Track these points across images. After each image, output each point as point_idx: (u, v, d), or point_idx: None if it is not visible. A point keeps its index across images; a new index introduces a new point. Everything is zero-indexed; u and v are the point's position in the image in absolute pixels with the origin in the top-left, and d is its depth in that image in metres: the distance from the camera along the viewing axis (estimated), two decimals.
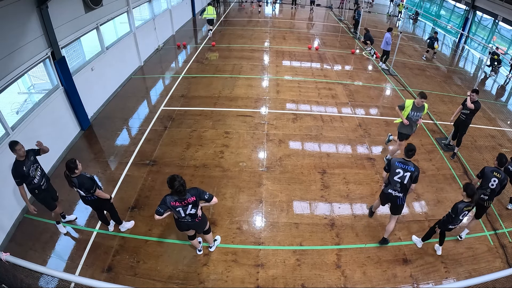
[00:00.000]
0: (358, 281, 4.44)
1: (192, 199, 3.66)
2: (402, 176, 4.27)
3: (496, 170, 4.56)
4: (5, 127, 5.11)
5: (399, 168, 4.28)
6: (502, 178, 4.51)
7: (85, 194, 4.21)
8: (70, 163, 3.95)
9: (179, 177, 3.53)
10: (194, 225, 4.03)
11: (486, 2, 14.81)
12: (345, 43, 14.62)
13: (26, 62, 5.55)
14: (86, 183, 4.08)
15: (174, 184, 3.47)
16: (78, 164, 4.01)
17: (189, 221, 3.88)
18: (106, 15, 8.47)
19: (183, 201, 3.63)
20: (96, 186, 4.21)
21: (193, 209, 3.76)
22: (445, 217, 4.36)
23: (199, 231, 4.32)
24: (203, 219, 4.09)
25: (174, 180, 3.48)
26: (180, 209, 3.69)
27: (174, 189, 3.50)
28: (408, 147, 4.33)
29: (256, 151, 6.85)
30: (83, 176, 4.10)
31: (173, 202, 3.64)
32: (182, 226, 3.99)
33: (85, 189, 4.11)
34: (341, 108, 8.80)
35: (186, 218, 3.82)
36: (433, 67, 12.76)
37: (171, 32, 14.52)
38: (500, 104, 10.55)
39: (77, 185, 4.07)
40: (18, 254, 2.79)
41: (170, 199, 3.64)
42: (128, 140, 7.21)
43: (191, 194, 3.66)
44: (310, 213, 5.48)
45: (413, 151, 4.31)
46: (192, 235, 4.31)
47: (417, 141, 7.55)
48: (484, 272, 4.60)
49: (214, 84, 9.73)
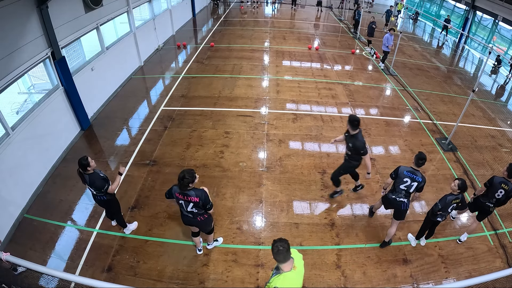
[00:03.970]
0: (358, 281, 4.44)
1: (195, 200, 3.66)
2: (409, 185, 4.25)
3: (504, 182, 4.43)
4: (5, 127, 5.10)
5: (407, 177, 4.24)
6: (509, 190, 4.40)
7: (96, 193, 4.21)
8: (82, 160, 3.93)
9: (189, 172, 3.55)
10: (196, 224, 4.06)
11: (486, 2, 14.81)
12: (345, 43, 14.61)
13: (26, 62, 5.54)
14: (98, 182, 4.06)
15: (180, 175, 3.53)
16: (90, 162, 3.98)
17: (190, 217, 3.93)
18: (106, 15, 8.46)
19: (185, 196, 3.66)
20: (108, 185, 4.18)
21: (194, 209, 3.77)
22: (433, 207, 4.36)
23: (203, 231, 4.33)
24: (207, 220, 4.06)
25: (183, 172, 3.54)
26: (183, 202, 3.74)
27: (180, 181, 3.55)
28: (419, 155, 4.21)
29: (256, 151, 6.85)
30: (96, 174, 4.08)
31: (177, 194, 3.70)
32: (185, 220, 4.05)
33: (96, 187, 4.10)
34: (341, 108, 8.80)
35: (188, 214, 3.88)
36: (433, 67, 12.77)
37: (171, 32, 14.52)
38: (500, 104, 10.56)
39: (88, 182, 4.06)
40: (18, 254, 2.79)
41: (176, 189, 3.70)
42: (128, 140, 7.21)
43: (195, 194, 3.65)
44: (310, 213, 5.48)
45: (424, 160, 4.19)
46: (195, 232, 4.34)
47: (417, 141, 7.56)
48: (484, 272, 4.60)
49: (214, 84, 9.73)
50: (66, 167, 6.28)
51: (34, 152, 5.73)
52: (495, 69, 13.84)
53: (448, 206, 4.20)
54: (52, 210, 5.35)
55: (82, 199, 5.60)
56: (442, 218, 4.40)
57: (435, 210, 4.29)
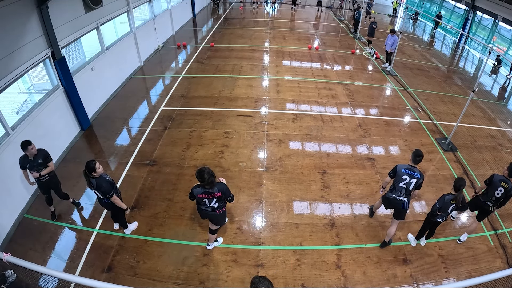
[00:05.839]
0: (358, 281, 4.44)
1: (218, 194, 3.79)
2: (408, 183, 4.26)
3: (504, 180, 4.46)
4: (5, 127, 5.11)
5: (405, 175, 4.26)
6: (509, 189, 4.42)
7: (102, 196, 4.21)
8: (90, 163, 3.95)
9: (207, 168, 3.61)
10: (214, 217, 4.14)
11: (486, 2, 14.81)
12: (345, 43, 14.61)
13: (26, 62, 5.55)
14: (104, 186, 4.07)
15: (204, 177, 3.57)
16: (98, 168, 3.98)
17: (209, 211, 4.01)
18: (106, 15, 8.46)
19: (210, 194, 3.76)
20: (114, 191, 4.19)
21: (217, 203, 3.89)
22: (432, 207, 4.36)
23: (217, 224, 4.38)
24: (224, 213, 4.17)
25: (203, 172, 3.58)
26: (206, 200, 3.84)
27: (205, 181, 3.60)
28: (416, 152, 4.27)
29: (256, 151, 6.85)
30: (102, 178, 4.09)
31: (200, 195, 3.78)
32: (203, 214, 4.14)
33: (102, 192, 4.11)
34: (341, 108, 8.80)
35: (208, 208, 3.96)
36: (433, 67, 12.77)
37: (171, 32, 14.52)
38: (500, 104, 10.56)
39: (95, 186, 4.06)
40: (18, 254, 2.79)
41: (198, 191, 3.78)
42: (128, 140, 7.21)
43: (218, 189, 3.78)
44: (310, 213, 5.48)
45: (421, 157, 4.27)
46: (214, 229, 4.44)
47: (417, 141, 7.56)
48: (484, 272, 4.61)
49: (214, 84, 9.73)
50: (66, 167, 6.28)
51: None
52: (495, 69, 13.84)
53: (447, 206, 4.20)
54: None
55: (82, 199, 5.60)
56: (442, 219, 4.39)
57: (434, 210, 4.30)
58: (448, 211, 4.26)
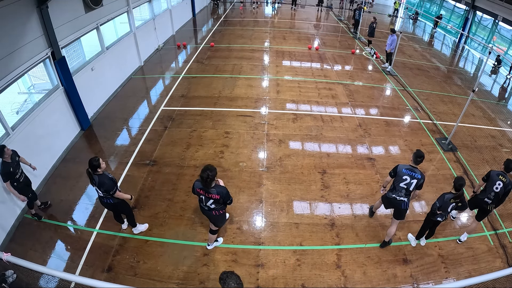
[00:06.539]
0: (358, 281, 4.44)
1: (216, 197, 3.79)
2: (409, 183, 4.25)
3: (502, 174, 4.53)
4: (5, 127, 5.11)
5: (406, 175, 4.25)
6: (507, 183, 4.46)
7: (103, 195, 4.21)
8: (93, 161, 3.95)
9: (211, 170, 3.61)
10: (211, 217, 4.17)
11: (486, 2, 14.82)
12: (345, 43, 14.61)
13: (26, 62, 5.55)
14: (107, 183, 4.07)
15: (203, 175, 3.59)
16: (101, 163, 4.01)
17: (206, 210, 4.05)
18: (106, 15, 8.46)
19: (206, 192, 3.78)
20: (116, 188, 4.20)
21: (213, 205, 3.91)
22: (432, 206, 4.37)
23: (215, 224, 4.38)
24: (221, 216, 4.17)
25: (206, 170, 3.59)
26: (203, 197, 3.87)
27: (203, 179, 3.63)
28: (417, 153, 4.26)
29: (256, 151, 6.85)
30: (105, 175, 4.10)
31: (199, 189, 3.83)
32: (202, 211, 4.18)
33: (105, 189, 4.10)
34: (341, 108, 8.80)
35: (205, 207, 4.00)
36: (433, 67, 12.77)
37: (171, 32, 14.52)
38: (500, 104, 10.56)
39: (97, 183, 4.06)
40: (18, 254, 2.79)
41: (198, 185, 3.83)
42: (128, 140, 7.21)
43: (216, 192, 3.78)
44: (310, 213, 5.48)
45: (422, 158, 4.26)
46: (214, 230, 4.46)
47: (417, 141, 7.56)
48: (484, 272, 4.60)
49: (214, 84, 9.73)
50: (66, 167, 6.29)
51: (34, 152, 5.71)
52: (495, 69, 13.85)
53: (447, 205, 4.20)
54: (52, 210, 5.36)
55: (82, 199, 5.60)
56: (442, 218, 4.40)
57: (434, 209, 4.30)
58: (448, 210, 4.26)
